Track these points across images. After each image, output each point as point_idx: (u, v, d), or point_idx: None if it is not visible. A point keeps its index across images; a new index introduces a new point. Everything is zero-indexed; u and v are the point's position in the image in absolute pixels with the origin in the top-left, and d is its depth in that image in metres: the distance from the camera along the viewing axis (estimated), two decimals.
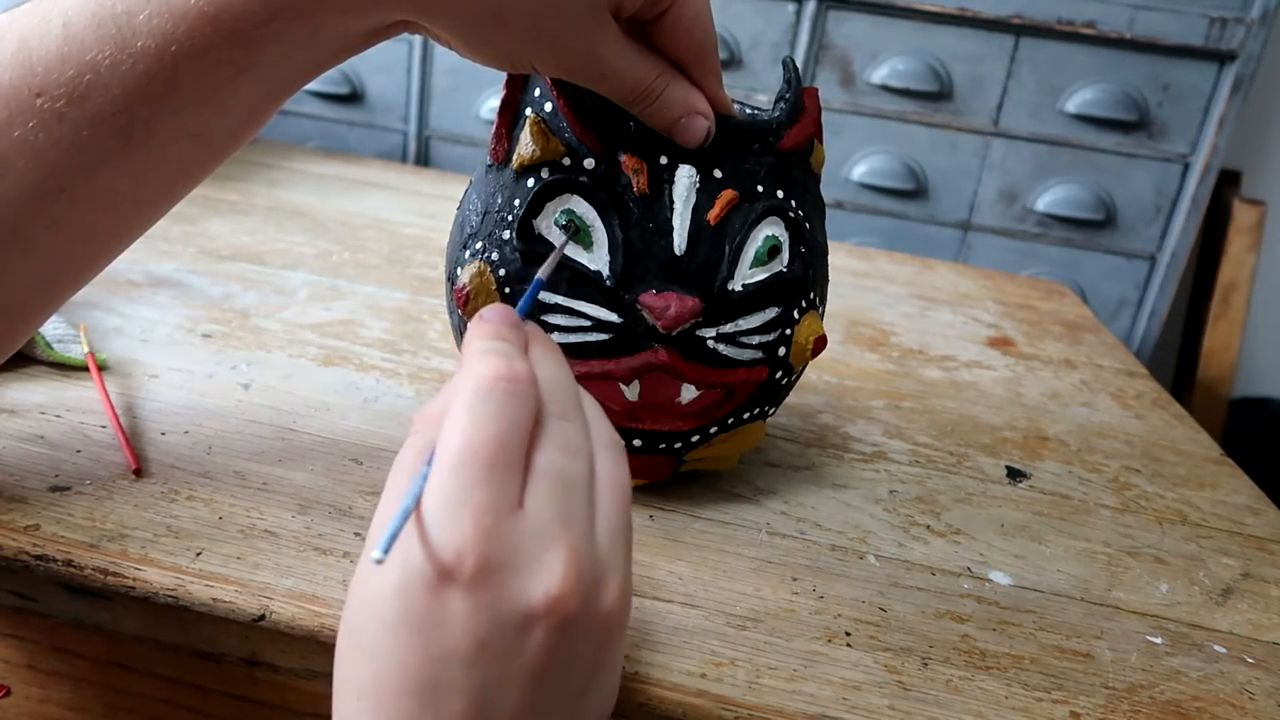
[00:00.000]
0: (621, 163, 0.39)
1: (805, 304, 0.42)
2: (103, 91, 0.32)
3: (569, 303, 0.39)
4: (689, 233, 0.39)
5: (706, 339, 0.40)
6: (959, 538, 0.46)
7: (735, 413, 0.43)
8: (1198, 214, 1.05)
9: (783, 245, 0.41)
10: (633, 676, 0.34)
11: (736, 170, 0.40)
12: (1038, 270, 1.10)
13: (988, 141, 1.07)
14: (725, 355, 0.40)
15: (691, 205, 0.39)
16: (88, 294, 0.60)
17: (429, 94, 1.16)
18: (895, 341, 0.74)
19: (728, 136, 0.39)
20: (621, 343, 0.39)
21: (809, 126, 0.42)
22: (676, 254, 0.39)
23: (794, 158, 0.42)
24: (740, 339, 0.41)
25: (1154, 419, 0.66)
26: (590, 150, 0.39)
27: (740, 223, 0.39)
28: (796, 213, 0.41)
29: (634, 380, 0.40)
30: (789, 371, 0.43)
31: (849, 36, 1.05)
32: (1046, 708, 0.35)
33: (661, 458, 0.43)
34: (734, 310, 0.40)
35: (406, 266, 0.75)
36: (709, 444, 0.43)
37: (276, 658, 0.37)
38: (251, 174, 0.97)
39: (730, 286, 0.40)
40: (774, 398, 0.44)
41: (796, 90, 0.41)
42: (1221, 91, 1.00)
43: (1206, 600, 0.44)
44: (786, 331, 0.42)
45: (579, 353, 0.40)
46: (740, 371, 0.41)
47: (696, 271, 0.39)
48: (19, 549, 0.36)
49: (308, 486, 0.43)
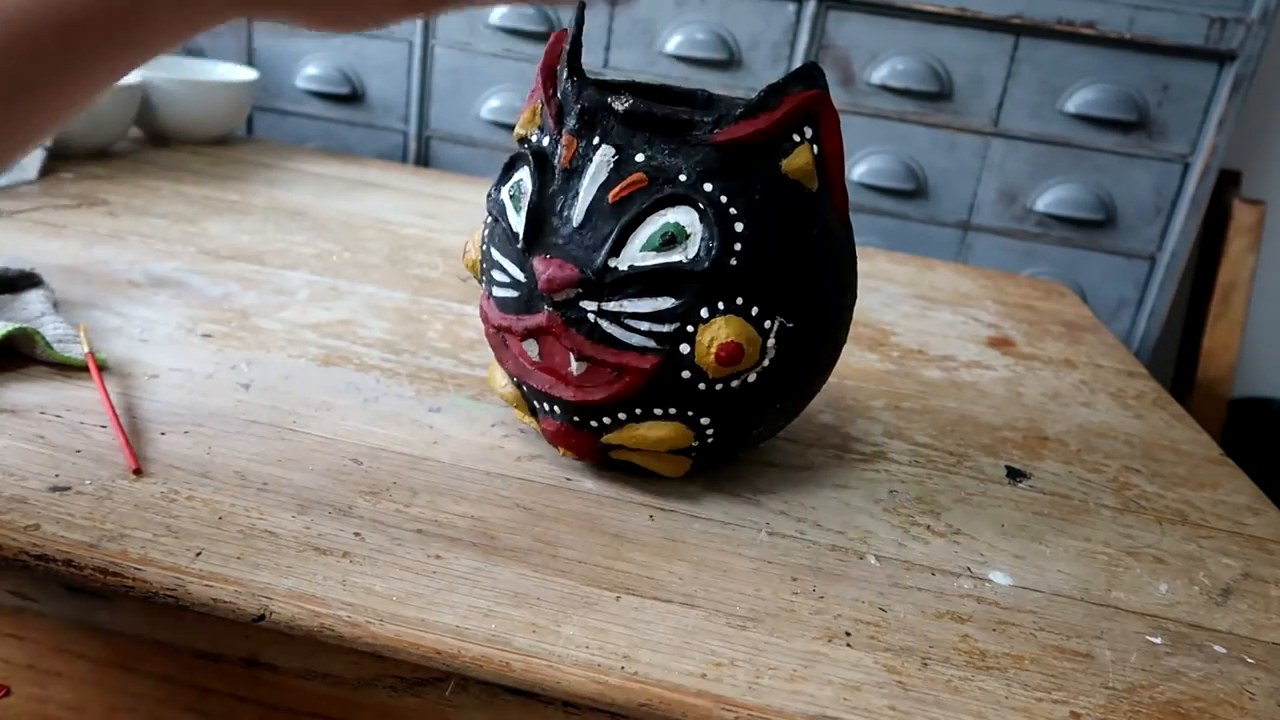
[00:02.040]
0: (561, 140, 0.42)
1: (723, 305, 0.40)
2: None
3: (501, 259, 0.44)
4: (588, 207, 0.41)
5: (588, 313, 0.41)
6: (959, 538, 0.46)
7: (639, 402, 0.42)
8: (1198, 214, 1.05)
9: (688, 236, 0.40)
10: (633, 676, 0.34)
11: (661, 156, 0.40)
12: (1038, 270, 1.10)
13: (988, 141, 1.07)
14: (608, 333, 0.41)
15: (599, 182, 0.41)
16: (88, 294, 0.60)
17: (429, 94, 1.16)
18: (895, 341, 0.74)
19: (660, 124, 0.40)
20: (525, 303, 0.43)
21: (762, 125, 0.40)
22: (574, 226, 0.41)
23: (743, 154, 0.40)
24: (624, 320, 0.41)
25: (1154, 419, 0.66)
26: (550, 129, 0.43)
27: (638, 205, 0.40)
28: (724, 208, 0.40)
29: (529, 339, 0.43)
30: (700, 374, 0.41)
31: (849, 36, 1.05)
32: (1046, 708, 0.35)
33: (581, 433, 0.44)
34: (615, 289, 0.40)
35: (406, 266, 0.75)
36: (620, 430, 0.43)
37: (276, 658, 0.37)
38: (251, 174, 0.97)
39: (612, 264, 0.40)
40: (693, 401, 0.42)
41: (773, 89, 0.40)
42: (1221, 91, 1.00)
43: (1206, 600, 0.44)
44: (687, 328, 0.40)
45: (501, 306, 0.44)
46: (626, 355, 0.41)
47: (586, 245, 0.41)
48: (19, 549, 0.36)
49: (308, 486, 0.43)
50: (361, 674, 0.36)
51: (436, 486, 0.44)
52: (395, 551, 0.39)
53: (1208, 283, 1.20)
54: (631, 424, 0.43)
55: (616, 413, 0.43)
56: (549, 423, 0.45)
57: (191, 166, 0.97)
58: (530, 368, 0.44)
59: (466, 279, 0.74)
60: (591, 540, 0.42)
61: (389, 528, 0.41)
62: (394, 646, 0.34)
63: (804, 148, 0.41)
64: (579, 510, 0.44)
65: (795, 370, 0.44)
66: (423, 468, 0.46)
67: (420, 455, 0.47)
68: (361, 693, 0.37)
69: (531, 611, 0.36)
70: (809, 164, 0.41)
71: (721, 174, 0.40)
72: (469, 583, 0.38)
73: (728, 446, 0.46)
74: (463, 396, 0.54)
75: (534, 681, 0.34)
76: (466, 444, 0.49)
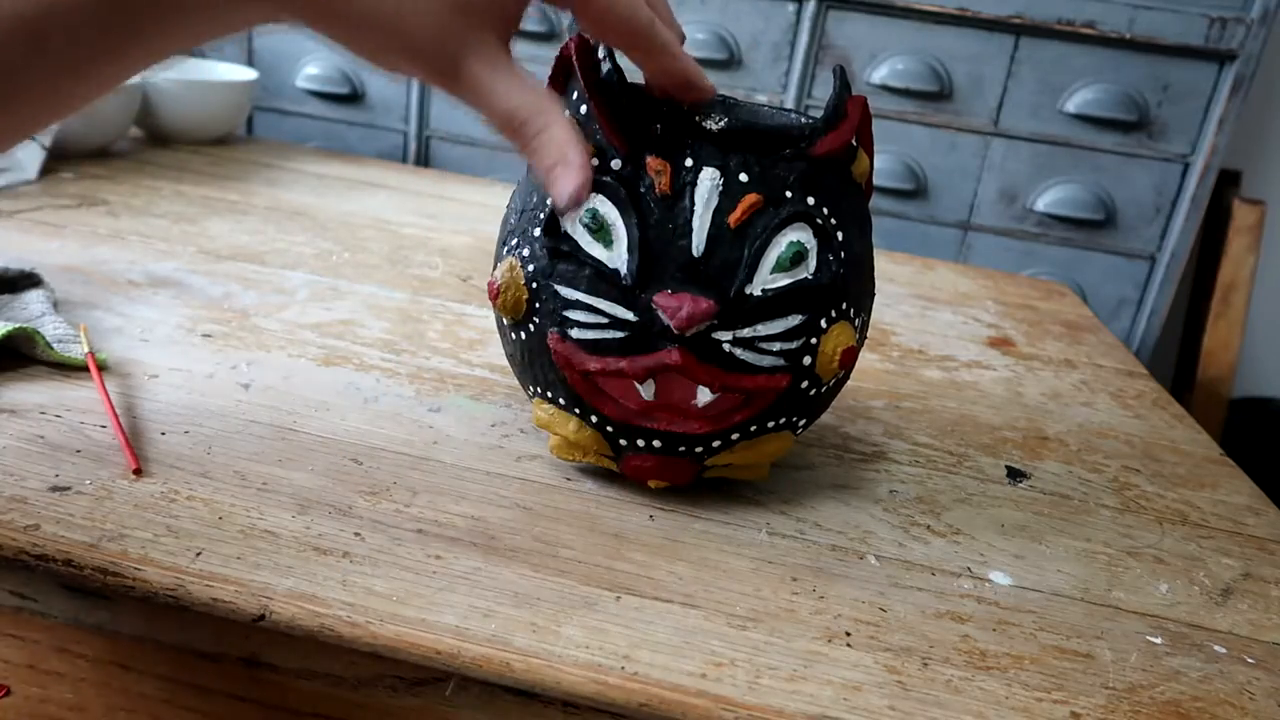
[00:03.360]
0: (646, 164, 0.39)
1: (835, 314, 0.41)
2: None
3: (588, 299, 0.40)
4: (708, 234, 0.39)
5: (722, 342, 0.40)
6: (959, 538, 0.46)
7: (757, 420, 0.42)
8: (1198, 214, 1.05)
9: (809, 252, 0.40)
10: (633, 676, 0.34)
11: (764, 174, 0.39)
12: (1038, 270, 1.10)
13: (988, 141, 1.07)
14: (742, 360, 0.40)
15: (713, 208, 0.39)
16: (88, 294, 0.60)
17: (429, 94, 1.16)
18: (895, 341, 0.74)
19: (759, 140, 0.39)
20: (637, 341, 0.40)
21: (847, 134, 0.41)
22: (694, 255, 0.39)
23: (830, 164, 0.41)
24: (759, 344, 0.40)
25: (1154, 419, 0.66)
26: (618, 151, 0.39)
27: (762, 227, 0.39)
28: (828, 220, 0.40)
29: (648, 379, 0.40)
30: (816, 382, 0.42)
31: (849, 36, 1.05)
32: (1046, 708, 0.35)
33: (682, 461, 0.43)
34: (751, 315, 0.40)
35: (406, 266, 0.75)
36: (731, 450, 0.43)
37: (276, 658, 0.37)
38: (251, 174, 0.97)
39: (748, 291, 0.39)
40: (802, 409, 0.43)
41: (838, 96, 0.41)
42: (1221, 91, 1.00)
43: (1206, 600, 0.44)
44: (812, 340, 0.41)
45: (597, 349, 0.40)
46: (759, 378, 0.41)
47: (713, 274, 0.39)
48: (19, 549, 0.36)
49: (308, 486, 0.43)
50: (361, 674, 0.36)
51: (436, 486, 0.44)
52: (395, 551, 0.39)
53: (1208, 283, 1.20)
54: (746, 442, 0.43)
55: (731, 434, 0.42)
56: (645, 460, 0.43)
57: (191, 166, 0.97)
58: (640, 409, 0.41)
59: (467, 279, 0.75)
60: (591, 540, 0.42)
61: (389, 528, 0.41)
62: (394, 646, 0.34)
63: (861, 152, 0.43)
64: (579, 510, 0.44)
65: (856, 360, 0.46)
66: (423, 468, 0.46)
67: (420, 455, 0.47)
68: (361, 693, 0.37)
69: (531, 611, 0.36)
70: (868, 167, 0.43)
71: (817, 187, 0.40)
72: (469, 583, 0.38)
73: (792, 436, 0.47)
74: (463, 396, 0.54)
75: (534, 681, 0.34)
76: (466, 444, 0.49)
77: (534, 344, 0.42)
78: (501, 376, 0.57)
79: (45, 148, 0.85)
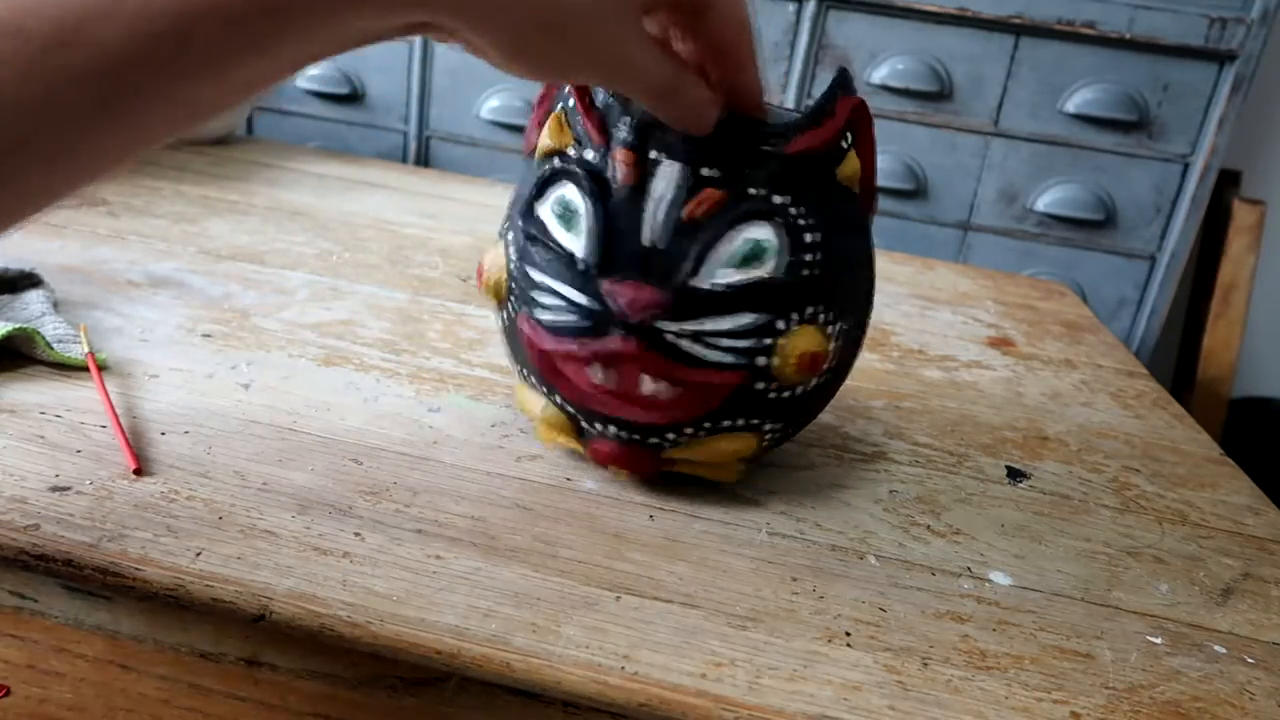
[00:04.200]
0: (614, 155, 0.40)
1: (800, 317, 0.41)
2: (92, 46, 0.27)
3: (552, 283, 0.41)
4: (661, 226, 0.39)
5: (669, 333, 0.40)
6: (959, 538, 0.46)
7: (711, 417, 0.42)
8: (1198, 214, 1.05)
9: (769, 250, 0.39)
10: (633, 676, 0.34)
11: (731, 170, 0.39)
12: (1038, 270, 1.10)
13: (988, 141, 1.07)
14: (689, 353, 0.40)
15: (668, 200, 0.39)
16: (88, 294, 0.60)
17: (429, 94, 1.16)
18: (895, 341, 0.74)
19: (729, 136, 0.39)
20: (592, 327, 0.41)
21: (827, 134, 0.40)
22: (645, 246, 0.40)
23: (808, 164, 0.40)
24: (706, 339, 0.40)
25: (1154, 419, 0.66)
26: (593, 142, 0.41)
27: (718, 222, 0.39)
28: (799, 220, 0.40)
29: (597, 364, 0.41)
30: (775, 385, 0.41)
31: (849, 36, 1.05)
32: (1046, 708, 0.35)
33: (641, 450, 0.44)
34: (698, 309, 0.40)
35: (406, 266, 0.75)
36: (688, 446, 0.43)
37: (276, 658, 0.37)
38: (251, 174, 0.97)
39: (694, 284, 0.39)
40: (764, 411, 0.43)
41: (826, 96, 0.41)
42: (1221, 91, 1.00)
43: (1206, 600, 0.44)
44: (767, 341, 0.40)
45: (557, 331, 0.42)
46: (708, 373, 0.40)
47: (664, 265, 0.39)
48: (19, 549, 0.36)
49: (308, 486, 0.43)
50: (361, 674, 0.36)
51: (436, 486, 0.44)
52: (395, 551, 0.39)
53: (1208, 283, 1.20)
54: (701, 438, 0.43)
55: (685, 429, 0.42)
56: (605, 445, 0.44)
57: (191, 166, 0.97)
58: (594, 392, 0.42)
59: (467, 279, 0.75)
60: (591, 540, 0.42)
61: (389, 528, 0.41)
62: (394, 646, 0.34)
63: (851, 154, 0.42)
64: (579, 510, 0.44)
65: (846, 371, 0.46)
66: (423, 468, 0.46)
67: (420, 455, 0.47)
68: (361, 693, 0.37)
69: (531, 611, 0.36)
70: (857, 170, 0.42)
71: (791, 185, 0.40)
72: (469, 583, 0.38)
73: (778, 446, 0.47)
74: (463, 396, 0.54)
75: (534, 681, 0.34)
76: (466, 444, 0.49)
77: (512, 326, 0.44)
78: (501, 376, 0.57)
79: None
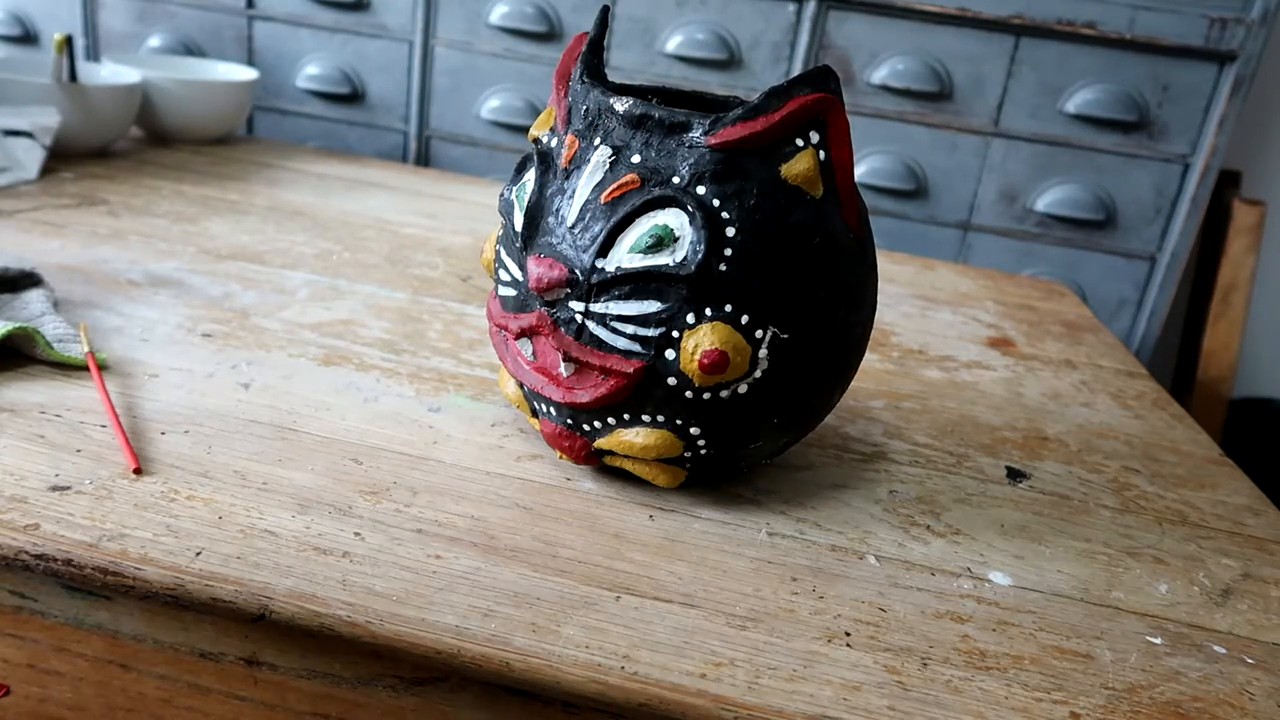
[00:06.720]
0: (565, 141, 0.42)
1: (711, 311, 0.39)
2: None
3: (504, 256, 0.45)
4: (580, 208, 0.41)
5: (575, 313, 0.41)
6: (959, 538, 0.46)
7: (628, 408, 0.42)
8: (1198, 214, 1.05)
9: (676, 239, 0.39)
10: (632, 676, 0.34)
11: (656, 158, 0.40)
12: (1038, 270, 1.10)
13: (988, 141, 1.07)
14: (594, 335, 0.41)
15: (593, 183, 0.41)
16: (88, 294, 0.60)
17: (429, 94, 1.16)
18: (895, 341, 0.74)
19: (661, 125, 0.40)
20: (520, 301, 0.44)
21: (757, 128, 0.39)
22: (568, 225, 0.41)
23: (739, 157, 0.39)
24: (610, 322, 0.40)
25: (1154, 419, 0.66)
26: (558, 130, 0.43)
27: (632, 207, 0.39)
28: (720, 212, 0.39)
29: (523, 339, 0.44)
30: (684, 379, 0.40)
31: (849, 36, 1.05)
32: (1046, 708, 0.35)
33: (572, 434, 0.44)
34: (601, 290, 0.40)
35: (406, 266, 0.75)
36: (610, 435, 0.43)
37: (276, 657, 0.37)
38: (251, 174, 0.97)
39: (599, 264, 0.40)
40: (682, 409, 0.41)
41: (775, 91, 0.39)
42: (1221, 92, 1.00)
43: (1206, 600, 0.44)
44: (673, 333, 0.40)
45: (503, 305, 0.45)
46: (611, 357, 0.41)
47: (576, 245, 0.40)
48: (19, 549, 0.36)
49: (308, 486, 0.43)
50: (361, 674, 0.36)
51: (436, 486, 0.44)
52: (395, 551, 0.39)
53: (1208, 283, 1.20)
54: (620, 429, 0.43)
55: (605, 417, 0.43)
56: (546, 424, 0.46)
57: (191, 166, 0.97)
58: (525, 367, 0.44)
59: (467, 278, 0.75)
60: (591, 540, 0.42)
61: (389, 528, 0.41)
62: (394, 646, 0.34)
63: (807, 153, 0.40)
64: (579, 510, 0.44)
65: (793, 384, 0.42)
66: (423, 468, 0.46)
67: (420, 455, 0.47)
68: (361, 693, 0.37)
69: (531, 611, 0.36)
70: (811, 169, 0.40)
71: (716, 177, 0.39)
72: (469, 583, 0.38)
73: (724, 459, 0.44)
74: (463, 396, 0.54)
75: (534, 681, 0.34)
76: (466, 444, 0.49)
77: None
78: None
79: (45, 147, 0.85)
